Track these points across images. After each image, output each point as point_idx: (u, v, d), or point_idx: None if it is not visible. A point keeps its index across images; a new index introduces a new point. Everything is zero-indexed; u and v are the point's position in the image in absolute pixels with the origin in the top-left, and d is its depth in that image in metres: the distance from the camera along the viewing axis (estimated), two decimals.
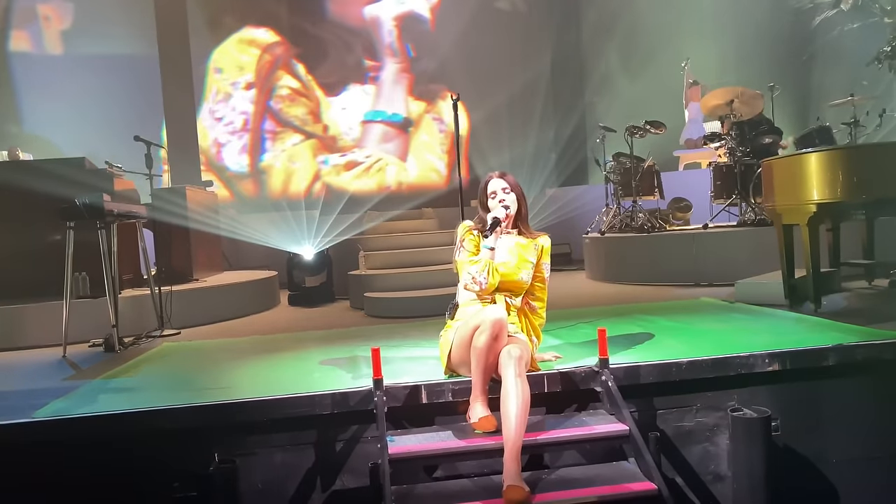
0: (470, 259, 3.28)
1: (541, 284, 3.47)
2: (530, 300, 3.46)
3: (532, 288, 3.44)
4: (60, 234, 5.14)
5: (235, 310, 6.60)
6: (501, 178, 3.45)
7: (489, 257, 3.25)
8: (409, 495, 2.83)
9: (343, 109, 11.29)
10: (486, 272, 3.21)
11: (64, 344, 4.92)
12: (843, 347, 3.47)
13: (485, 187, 3.47)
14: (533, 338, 3.45)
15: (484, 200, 3.47)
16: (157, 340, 5.28)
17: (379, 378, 3.11)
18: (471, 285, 3.25)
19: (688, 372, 3.35)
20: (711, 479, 3.39)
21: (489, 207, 3.42)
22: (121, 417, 3.11)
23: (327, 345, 4.52)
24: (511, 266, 3.34)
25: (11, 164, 6.47)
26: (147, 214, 6.06)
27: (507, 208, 3.38)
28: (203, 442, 3.06)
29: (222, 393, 3.34)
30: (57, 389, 3.63)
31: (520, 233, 3.48)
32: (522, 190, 3.51)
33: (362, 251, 7.34)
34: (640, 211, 7.60)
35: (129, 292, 6.02)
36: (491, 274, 3.23)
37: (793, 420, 3.40)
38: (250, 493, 3.11)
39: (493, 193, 3.42)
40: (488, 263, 3.23)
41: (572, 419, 3.19)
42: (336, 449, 3.21)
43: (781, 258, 4.87)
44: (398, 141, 11.60)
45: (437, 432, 3.07)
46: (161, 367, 4.24)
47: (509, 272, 3.32)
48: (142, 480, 3.06)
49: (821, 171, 4.33)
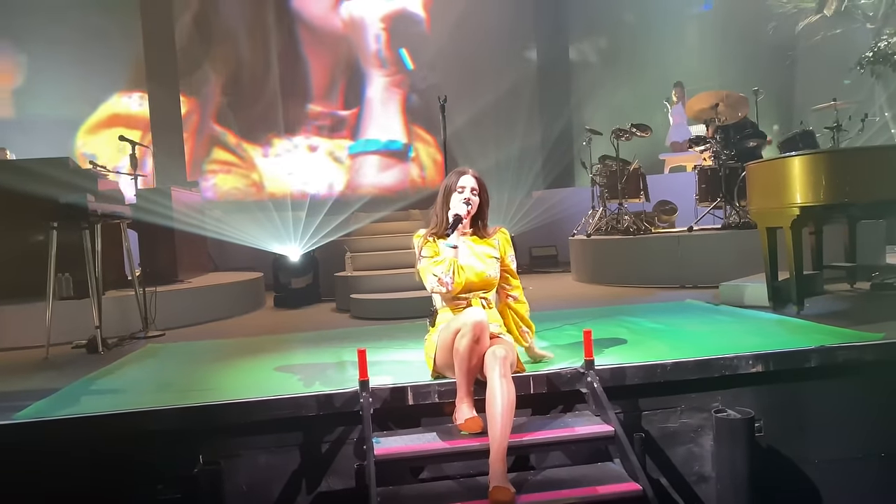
0: (433, 261, 3.22)
1: (510, 275, 3.43)
2: (508, 293, 3.44)
3: (504, 280, 3.41)
4: (44, 234, 5.08)
5: (221, 311, 6.56)
6: (474, 178, 3.36)
7: (453, 255, 3.20)
8: (394, 497, 2.83)
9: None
10: (452, 271, 3.17)
11: (47, 345, 4.86)
12: (826, 349, 3.51)
13: (455, 179, 3.35)
14: (524, 329, 3.44)
15: (449, 193, 3.34)
16: (141, 342, 5.24)
17: (365, 379, 3.10)
18: (437, 287, 3.20)
19: (672, 373, 3.38)
20: (696, 479, 3.42)
21: (449, 203, 3.33)
22: (104, 419, 3.09)
23: (313, 346, 4.51)
24: (477, 267, 3.30)
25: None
26: (131, 215, 6.01)
27: (468, 204, 3.29)
28: (187, 444, 3.04)
29: (207, 395, 3.32)
30: (39, 391, 3.58)
31: (476, 234, 3.42)
32: (488, 196, 3.42)
33: (349, 252, 7.32)
34: (625, 213, 7.64)
35: (112, 293, 5.97)
36: (456, 273, 3.19)
37: (776, 421, 3.44)
38: (235, 495, 3.09)
39: (462, 188, 3.32)
40: (453, 262, 3.18)
41: (558, 420, 3.20)
42: (322, 450, 3.20)
43: (765, 261, 4.91)
44: (398, 172, 11.00)
45: (423, 433, 3.07)
46: (145, 369, 4.20)
47: (477, 272, 3.28)
48: (125, 482, 3.03)
49: (804, 174, 4.36)
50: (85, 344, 4.95)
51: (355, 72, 11.26)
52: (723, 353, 3.48)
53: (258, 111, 10.83)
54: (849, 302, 5.14)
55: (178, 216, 7.16)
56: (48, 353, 4.83)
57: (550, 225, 9.81)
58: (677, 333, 4.15)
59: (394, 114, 11.11)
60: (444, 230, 3.29)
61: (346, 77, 11.21)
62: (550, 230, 9.78)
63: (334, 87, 11.13)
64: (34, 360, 4.77)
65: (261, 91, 10.66)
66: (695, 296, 5.70)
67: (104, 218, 5.27)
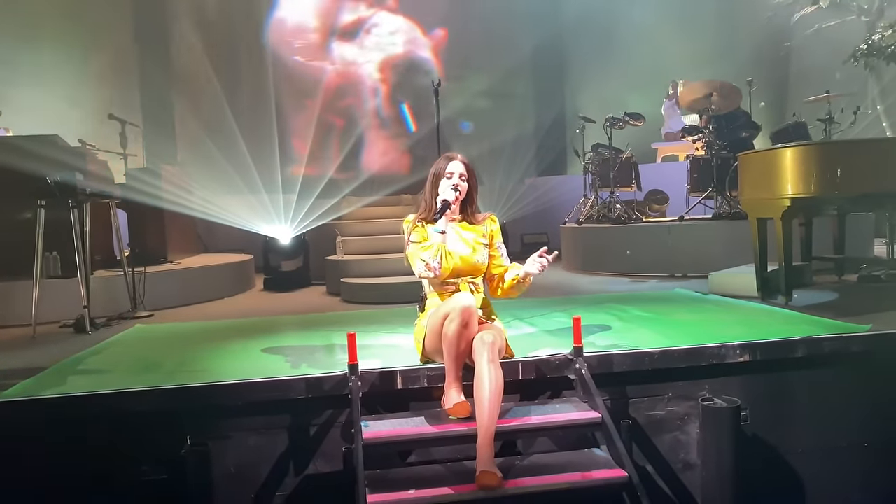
0: (422, 246, 3.21)
1: (499, 262, 3.38)
2: (498, 274, 3.38)
3: (491, 268, 3.37)
4: (31, 212, 5.04)
5: (210, 292, 6.54)
6: (463, 164, 3.33)
7: (441, 241, 3.19)
8: (382, 480, 2.84)
9: None
10: (439, 257, 3.16)
11: (34, 324, 4.84)
12: (813, 340, 3.53)
13: (444, 165, 3.33)
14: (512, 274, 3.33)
15: (437, 179, 3.32)
16: (129, 322, 5.21)
17: (354, 363, 3.10)
18: (425, 272, 3.18)
19: (660, 361, 3.39)
20: (681, 467, 3.45)
21: (439, 188, 3.32)
22: (91, 399, 3.07)
23: (303, 329, 4.50)
24: (464, 252, 3.27)
25: None
26: (121, 194, 5.96)
27: (457, 190, 3.28)
28: (175, 425, 3.03)
29: (195, 376, 3.31)
30: (25, 370, 3.56)
31: (465, 219, 3.39)
32: (477, 182, 3.40)
33: (339, 236, 7.30)
34: (617, 202, 7.65)
35: (101, 273, 5.93)
36: (444, 258, 3.17)
37: (762, 410, 3.46)
38: (223, 477, 3.09)
39: (451, 174, 3.30)
40: (440, 247, 3.17)
41: (546, 406, 3.21)
42: (310, 433, 3.20)
43: (755, 251, 4.93)
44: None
45: (412, 418, 3.07)
46: (133, 349, 4.18)
47: (464, 257, 3.26)
48: (112, 463, 3.02)
49: (795, 165, 4.38)
50: (73, 323, 4.92)
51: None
52: (711, 342, 3.50)
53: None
54: (836, 293, 5.17)
55: (167, 196, 7.11)
56: (35, 332, 4.81)
57: (542, 212, 9.80)
58: (666, 322, 4.17)
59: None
60: (432, 215, 3.28)
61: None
62: (541, 217, 9.78)
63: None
64: (21, 338, 4.75)
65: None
66: (684, 285, 5.73)
67: (93, 197, 5.23)
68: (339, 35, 11.88)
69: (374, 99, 11.66)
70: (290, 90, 11.35)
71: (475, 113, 11.05)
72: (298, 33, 11.80)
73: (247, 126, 10.48)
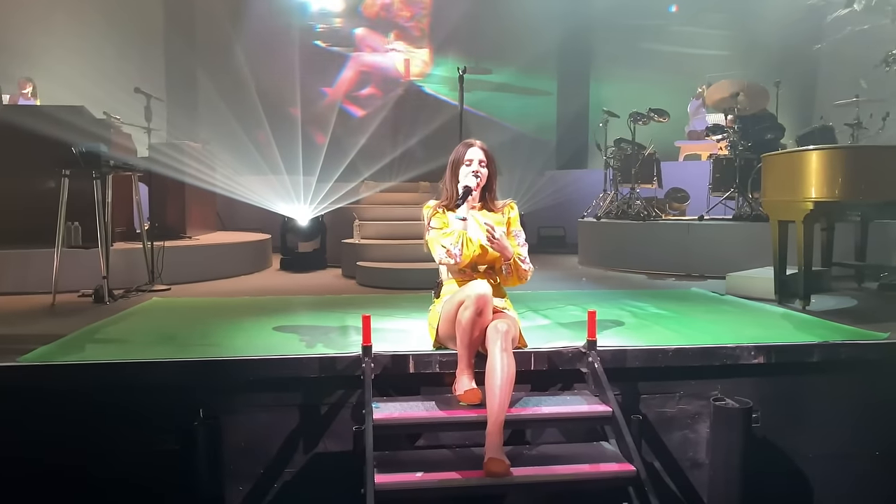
0: (443, 233, 3.21)
1: (516, 245, 3.31)
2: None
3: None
4: (55, 181, 5.09)
5: (227, 270, 6.59)
6: (482, 150, 3.32)
7: (462, 228, 3.19)
8: (391, 461, 2.86)
9: None
10: (461, 244, 3.16)
11: (53, 292, 4.91)
12: (829, 345, 3.51)
13: (463, 152, 3.33)
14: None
15: (457, 166, 3.32)
16: (146, 294, 5.27)
17: (368, 345, 3.12)
18: (445, 259, 3.19)
19: (674, 359, 3.38)
20: (689, 465, 3.44)
21: (459, 176, 3.31)
22: (106, 367, 3.12)
23: (318, 310, 4.53)
24: (485, 239, 3.22)
25: (11, 107, 6.39)
26: (143, 168, 6.01)
27: (478, 176, 3.27)
28: (188, 398, 3.06)
29: (210, 350, 3.35)
30: (44, 336, 3.62)
31: (485, 207, 3.38)
32: (496, 168, 3.38)
33: (357, 220, 7.31)
34: (637, 198, 7.60)
35: (120, 245, 5.99)
36: (465, 245, 3.17)
37: (773, 413, 3.45)
38: (233, 451, 3.12)
39: (470, 161, 3.29)
40: (462, 234, 3.17)
41: (556, 397, 3.22)
42: (321, 412, 3.23)
43: (774, 254, 4.88)
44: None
45: (422, 402, 3.09)
46: (149, 322, 4.23)
47: (484, 244, 3.21)
48: (125, 431, 3.06)
49: (821, 169, 4.33)
50: (91, 293, 4.98)
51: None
52: (725, 342, 3.48)
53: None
54: (855, 300, 5.12)
55: (189, 172, 7.16)
56: (55, 301, 4.87)
57: (560, 205, 9.77)
58: (681, 320, 4.15)
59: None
60: (454, 202, 3.28)
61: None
62: (559, 211, 9.74)
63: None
64: (41, 306, 4.82)
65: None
66: (701, 285, 5.70)
67: (116, 169, 5.28)
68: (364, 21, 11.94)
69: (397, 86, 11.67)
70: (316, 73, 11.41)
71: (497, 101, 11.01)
72: (322, 17, 11.86)
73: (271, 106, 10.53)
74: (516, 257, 3.23)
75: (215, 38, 10.95)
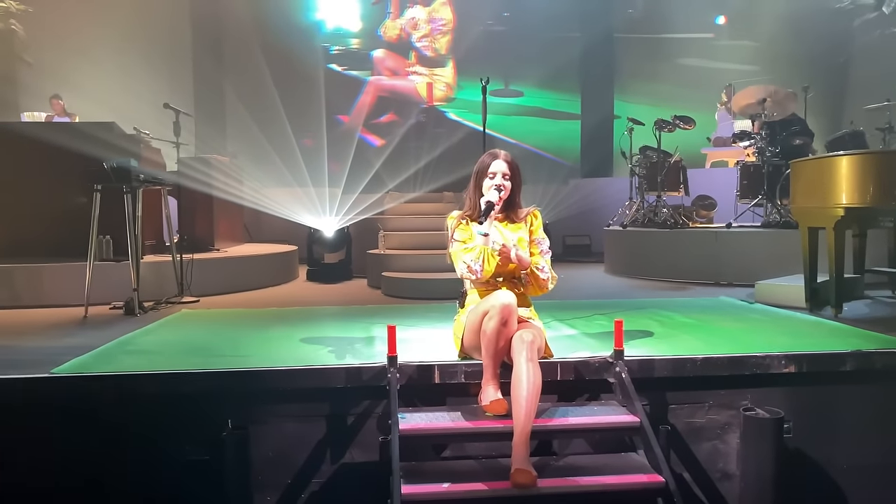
0: (464, 248, 3.21)
1: (537, 254, 3.29)
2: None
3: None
4: (87, 196, 5.20)
5: (254, 281, 6.66)
6: (506, 163, 3.30)
7: (483, 243, 3.16)
8: (417, 472, 2.85)
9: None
10: (482, 259, 3.14)
11: (86, 304, 5.00)
12: (862, 354, 3.43)
13: (487, 164, 3.30)
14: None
15: (480, 178, 3.30)
16: (175, 306, 5.35)
17: (393, 355, 3.13)
18: (466, 274, 3.19)
19: (702, 368, 3.34)
20: (719, 476, 3.39)
21: (483, 188, 3.29)
22: (137, 378, 3.16)
23: (344, 320, 4.55)
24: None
25: (45, 124, 6.55)
26: (172, 181, 6.11)
27: (501, 191, 3.24)
28: (217, 408, 3.10)
29: (238, 361, 3.38)
30: (76, 348, 3.69)
31: (507, 218, 3.36)
32: (521, 179, 3.35)
33: (382, 231, 7.35)
34: (663, 206, 7.54)
35: (150, 258, 6.09)
36: (486, 261, 3.15)
37: (806, 423, 3.38)
38: (261, 461, 3.14)
39: (493, 174, 3.27)
40: (483, 250, 3.15)
41: (583, 408, 3.19)
42: (347, 422, 3.24)
43: (805, 261, 4.81)
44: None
45: (448, 412, 3.08)
46: (179, 333, 4.29)
47: (507, 260, 3.19)
48: (154, 441, 3.10)
49: (852, 174, 4.26)
50: (123, 305, 5.07)
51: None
52: (755, 351, 3.43)
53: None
54: (889, 308, 5.02)
55: (217, 185, 7.26)
56: (87, 313, 4.97)
57: (585, 214, 9.72)
58: (709, 329, 4.10)
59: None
60: (477, 215, 3.27)
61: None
62: (585, 219, 9.70)
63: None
64: (74, 318, 4.91)
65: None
66: (730, 293, 5.62)
67: (146, 183, 5.37)
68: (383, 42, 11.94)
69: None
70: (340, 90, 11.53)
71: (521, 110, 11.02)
72: (337, 39, 11.91)
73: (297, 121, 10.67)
74: (533, 267, 3.21)
75: (242, 54, 11.14)
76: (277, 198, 8.70)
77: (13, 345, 4.07)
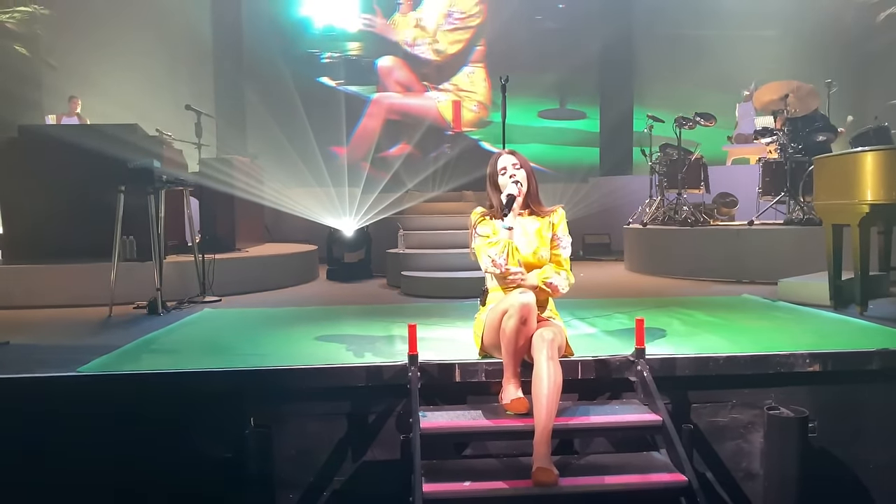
0: (488, 242, 3.21)
1: (556, 252, 3.29)
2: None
3: (550, 258, 3.29)
4: (111, 197, 5.26)
5: (275, 281, 6.70)
6: (511, 154, 3.35)
7: (508, 237, 3.18)
8: (438, 470, 2.86)
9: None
10: (506, 253, 3.15)
11: (110, 304, 5.07)
12: (888, 352, 3.38)
13: (494, 163, 3.35)
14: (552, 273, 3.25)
15: (494, 178, 3.34)
16: (198, 306, 5.40)
17: (414, 354, 3.13)
18: (491, 268, 3.19)
19: (725, 367, 3.31)
20: (743, 476, 3.35)
21: (500, 186, 3.31)
22: (161, 377, 3.20)
23: (364, 319, 4.57)
24: (531, 245, 3.24)
25: (68, 126, 6.64)
26: (194, 182, 6.17)
27: (519, 183, 3.26)
28: (239, 406, 3.12)
29: (259, 360, 3.41)
30: (101, 347, 3.73)
31: (532, 213, 3.36)
32: (531, 168, 3.37)
33: (401, 230, 7.37)
34: (684, 204, 7.48)
35: (173, 258, 6.15)
36: (510, 255, 3.16)
37: (831, 422, 3.34)
38: (283, 459, 3.16)
39: (504, 169, 3.30)
40: (508, 244, 3.16)
41: (605, 406, 3.18)
42: (368, 421, 3.25)
43: (829, 258, 4.75)
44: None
45: (469, 411, 3.08)
46: (201, 332, 4.33)
47: (532, 251, 3.22)
48: (178, 438, 3.14)
49: (876, 170, 4.20)
50: (146, 305, 5.13)
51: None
52: (779, 349, 3.39)
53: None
54: None
55: (238, 186, 7.32)
56: (111, 312, 5.03)
57: (605, 212, 9.67)
58: (732, 327, 4.06)
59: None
60: (499, 213, 3.28)
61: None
62: (605, 218, 9.65)
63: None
64: (98, 317, 4.97)
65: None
66: (752, 291, 5.57)
67: (169, 184, 5.43)
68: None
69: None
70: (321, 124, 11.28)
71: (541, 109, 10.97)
72: (329, 42, 11.47)
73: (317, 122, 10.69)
74: (542, 283, 3.18)
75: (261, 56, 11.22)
76: (297, 198, 8.76)
77: (40, 343, 4.14)
